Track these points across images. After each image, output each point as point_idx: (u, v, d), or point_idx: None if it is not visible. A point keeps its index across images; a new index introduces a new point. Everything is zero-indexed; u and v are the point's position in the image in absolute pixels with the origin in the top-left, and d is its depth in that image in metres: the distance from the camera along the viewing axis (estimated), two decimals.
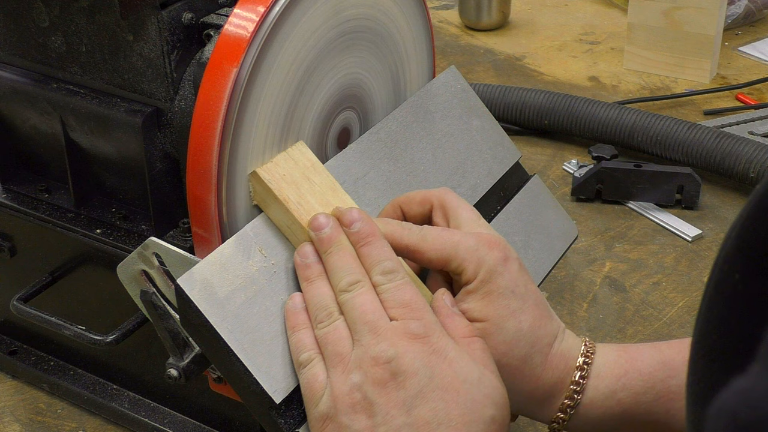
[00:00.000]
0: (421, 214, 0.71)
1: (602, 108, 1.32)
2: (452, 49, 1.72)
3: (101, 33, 0.77)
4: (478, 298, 0.65)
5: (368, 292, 0.62)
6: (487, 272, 0.65)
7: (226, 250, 0.65)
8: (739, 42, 1.69)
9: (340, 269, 0.63)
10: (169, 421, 0.87)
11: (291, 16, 0.68)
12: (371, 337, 0.60)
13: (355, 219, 0.65)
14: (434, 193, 0.71)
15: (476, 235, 0.66)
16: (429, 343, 0.60)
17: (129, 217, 0.83)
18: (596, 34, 1.77)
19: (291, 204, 0.66)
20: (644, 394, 0.66)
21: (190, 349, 0.71)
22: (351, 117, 0.78)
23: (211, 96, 0.65)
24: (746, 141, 1.21)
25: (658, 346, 0.68)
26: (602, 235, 1.18)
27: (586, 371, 0.66)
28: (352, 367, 0.59)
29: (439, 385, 0.58)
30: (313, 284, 0.64)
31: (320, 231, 0.65)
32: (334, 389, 0.59)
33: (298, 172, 0.69)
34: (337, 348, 0.61)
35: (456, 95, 0.85)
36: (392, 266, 0.63)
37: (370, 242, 0.64)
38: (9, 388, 0.95)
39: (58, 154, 0.83)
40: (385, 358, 0.58)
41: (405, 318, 0.61)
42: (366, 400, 0.58)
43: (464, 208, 0.70)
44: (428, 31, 0.85)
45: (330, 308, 0.62)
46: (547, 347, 0.66)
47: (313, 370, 0.61)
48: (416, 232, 0.66)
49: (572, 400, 0.66)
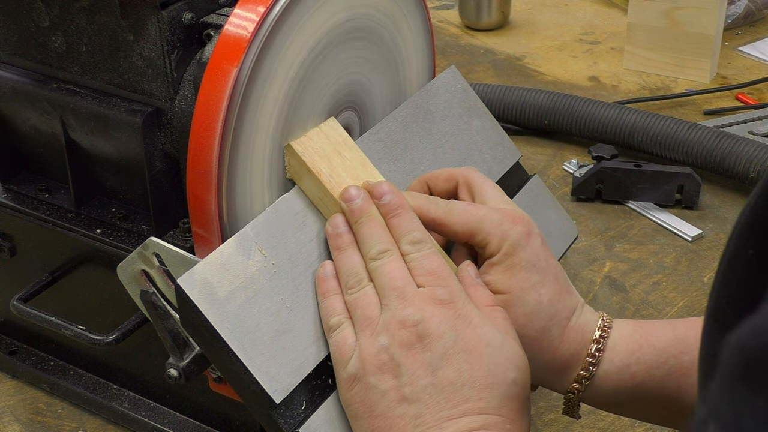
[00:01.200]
0: (447, 190, 0.74)
1: (602, 108, 1.32)
2: (452, 49, 1.72)
3: (101, 33, 0.77)
4: (501, 271, 0.67)
5: (397, 260, 0.64)
6: (510, 246, 0.67)
7: (226, 250, 0.65)
8: (739, 42, 1.69)
9: (371, 238, 0.65)
10: (169, 421, 0.87)
11: (291, 17, 0.68)
12: (399, 302, 0.62)
13: (386, 191, 0.67)
14: (460, 171, 0.74)
15: (501, 210, 0.69)
16: (454, 308, 0.62)
17: (129, 217, 0.83)
18: (596, 34, 1.77)
19: (323, 176, 0.68)
20: (657, 368, 0.67)
21: (190, 349, 0.71)
22: (351, 117, 0.78)
23: (211, 96, 0.65)
24: (746, 141, 1.21)
25: (673, 323, 0.70)
26: (602, 235, 1.18)
27: (602, 345, 0.68)
28: (380, 330, 0.62)
29: (463, 347, 0.60)
30: (344, 252, 0.66)
31: (352, 202, 0.67)
32: (362, 351, 0.62)
33: (330, 147, 0.71)
34: (366, 312, 0.63)
35: (456, 95, 0.85)
36: (420, 236, 0.65)
37: (399, 214, 0.66)
38: (9, 388, 0.95)
39: (58, 154, 0.84)
40: (412, 321, 0.61)
41: (432, 285, 0.63)
42: (393, 361, 0.60)
43: (489, 185, 0.72)
44: (428, 31, 0.85)
45: (360, 275, 0.65)
46: (565, 320, 0.68)
47: (343, 333, 0.63)
48: (443, 205, 0.69)
49: (587, 372, 0.68)
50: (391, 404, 0.60)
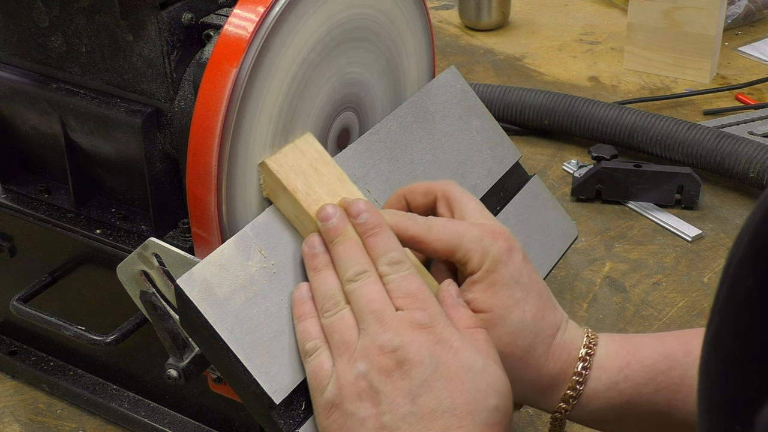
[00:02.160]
0: (425, 204, 0.72)
1: (602, 108, 1.32)
2: (452, 49, 1.72)
3: (101, 33, 0.77)
4: (482, 288, 0.66)
5: (374, 282, 0.62)
6: (491, 262, 0.65)
7: (225, 250, 0.65)
8: (739, 42, 1.69)
9: (347, 259, 0.64)
10: (169, 421, 0.87)
11: (291, 17, 0.68)
12: (377, 326, 0.60)
13: (362, 210, 0.65)
14: (438, 185, 0.72)
15: (481, 226, 0.67)
16: (434, 332, 0.60)
17: (129, 217, 0.83)
18: (596, 34, 1.77)
19: (299, 194, 0.67)
20: (646, 385, 0.66)
21: (189, 350, 0.71)
22: (351, 117, 0.78)
23: (210, 96, 0.65)
24: (746, 141, 1.21)
25: (660, 338, 0.69)
26: (602, 235, 1.18)
27: (588, 362, 0.67)
28: (358, 355, 0.60)
29: (443, 374, 0.59)
30: (320, 274, 0.65)
31: (327, 221, 0.65)
32: (340, 377, 0.60)
33: (306, 163, 0.69)
34: (343, 336, 0.61)
35: (456, 95, 0.85)
36: (398, 257, 0.64)
37: (376, 233, 0.65)
38: (9, 388, 0.95)
39: (58, 154, 0.84)
40: (391, 347, 0.59)
41: (411, 308, 0.61)
42: (371, 388, 0.59)
43: (468, 199, 0.70)
44: (428, 31, 0.85)
45: (336, 297, 0.63)
46: (550, 338, 0.67)
47: (319, 359, 0.62)
48: (422, 222, 0.67)
49: (574, 391, 0.67)
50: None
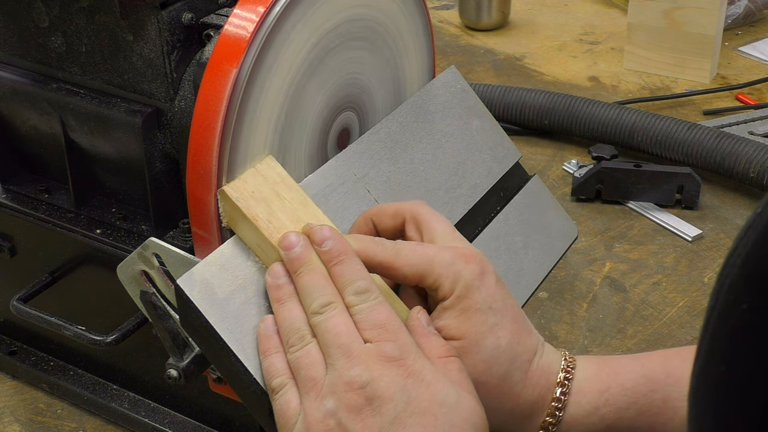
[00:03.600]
0: (394, 227, 0.69)
1: (602, 108, 1.32)
2: (452, 49, 1.72)
3: (101, 33, 0.77)
4: (454, 315, 0.63)
5: (341, 314, 0.60)
6: (463, 287, 0.63)
7: (225, 250, 0.65)
8: (739, 42, 1.69)
9: (312, 290, 0.61)
10: (169, 421, 0.87)
11: (291, 17, 0.67)
12: (345, 361, 0.58)
13: (327, 237, 0.62)
14: (407, 206, 0.69)
15: (452, 249, 0.64)
16: (405, 365, 0.58)
17: (129, 217, 0.83)
18: (596, 34, 1.77)
19: (260, 222, 0.64)
20: (627, 409, 0.64)
21: (190, 350, 0.71)
22: (351, 117, 0.78)
23: (211, 96, 0.65)
24: (746, 141, 1.21)
25: (639, 359, 0.67)
26: (602, 235, 1.18)
27: (567, 387, 0.65)
28: (326, 392, 0.57)
29: (416, 410, 0.56)
30: (284, 306, 0.62)
31: (290, 250, 0.62)
32: (308, 416, 0.58)
33: (268, 188, 0.66)
34: (309, 373, 0.59)
35: (456, 95, 0.85)
36: (365, 286, 0.61)
37: (342, 261, 0.62)
38: (9, 388, 0.95)
39: (58, 154, 0.83)
40: (360, 382, 0.57)
41: (379, 340, 0.58)
42: (340, 426, 0.56)
43: (438, 221, 0.68)
44: (428, 31, 0.85)
45: (302, 331, 0.60)
46: (526, 363, 0.64)
47: (286, 397, 0.59)
48: (390, 247, 0.64)
49: (554, 417, 0.65)
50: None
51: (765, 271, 0.35)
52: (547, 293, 1.07)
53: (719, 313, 0.37)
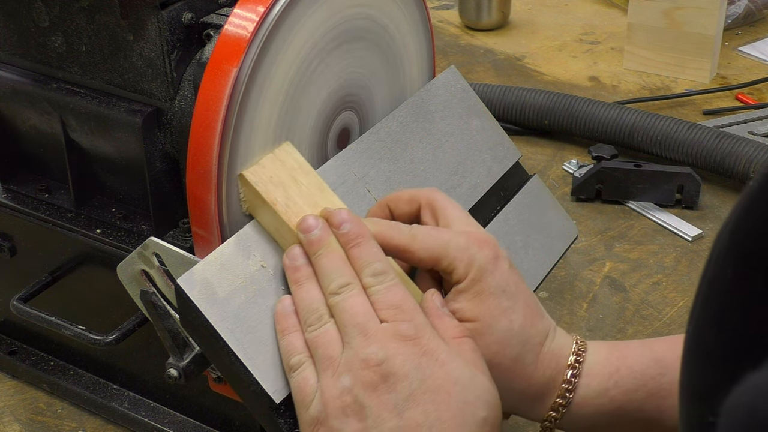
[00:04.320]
0: (409, 213, 0.70)
1: (602, 108, 1.32)
2: (452, 49, 1.72)
3: (101, 33, 0.77)
4: (468, 298, 0.64)
5: (358, 295, 0.61)
6: (477, 271, 0.64)
7: (225, 250, 0.65)
8: (739, 42, 1.69)
9: (330, 272, 0.62)
10: (169, 421, 0.87)
11: (291, 16, 0.68)
12: (361, 340, 0.59)
13: (345, 220, 0.64)
14: (422, 192, 0.70)
15: (466, 234, 0.66)
16: (419, 344, 0.59)
17: (129, 217, 0.83)
18: (596, 34, 1.77)
19: (279, 206, 0.65)
20: (636, 391, 0.66)
21: (190, 349, 0.71)
22: (351, 117, 0.78)
23: (211, 96, 0.65)
24: (746, 141, 1.21)
25: (649, 344, 0.68)
26: (602, 235, 1.18)
27: (577, 369, 0.66)
28: (342, 370, 0.59)
29: (430, 387, 0.58)
30: (302, 287, 0.63)
31: (309, 233, 0.64)
32: (325, 393, 0.59)
33: (285, 174, 0.68)
34: (327, 351, 0.60)
35: (456, 95, 0.85)
36: (382, 268, 0.62)
37: (359, 243, 0.63)
38: (9, 388, 0.95)
39: (58, 154, 0.84)
40: (376, 360, 0.58)
41: (395, 320, 0.60)
42: (357, 403, 0.58)
43: (453, 207, 0.69)
44: (428, 31, 0.85)
45: (320, 311, 0.62)
46: (538, 346, 0.66)
47: (303, 374, 0.60)
48: (406, 231, 0.65)
49: (564, 399, 0.66)
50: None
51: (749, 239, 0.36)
52: (547, 293, 1.07)
53: (708, 282, 0.39)
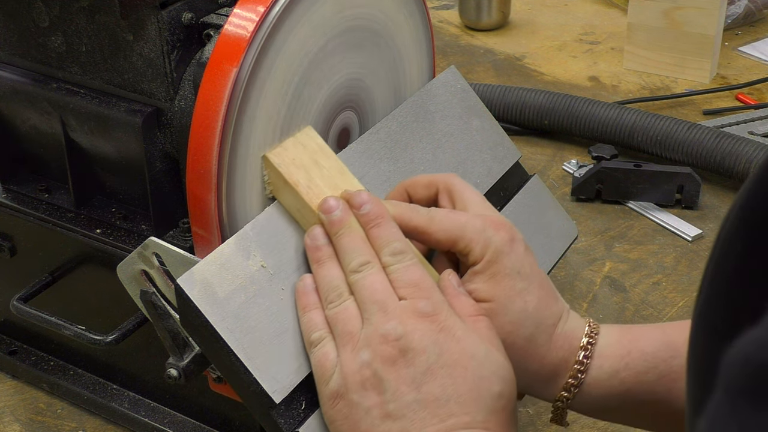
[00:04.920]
0: (427, 197, 0.72)
1: (602, 108, 1.32)
2: (452, 49, 1.72)
3: (101, 33, 0.77)
4: (484, 279, 0.66)
5: (378, 273, 0.63)
6: (493, 253, 0.66)
7: (225, 250, 0.65)
8: (739, 42, 1.69)
9: (351, 251, 0.64)
10: (169, 421, 0.87)
11: (291, 16, 0.68)
12: (380, 316, 0.61)
13: (365, 201, 0.66)
14: (440, 177, 0.72)
15: (483, 217, 0.68)
16: (437, 321, 0.61)
17: (129, 217, 0.83)
18: (596, 34, 1.77)
19: (301, 188, 0.67)
20: (646, 373, 0.67)
21: (190, 349, 0.71)
22: (351, 117, 0.78)
23: (211, 96, 0.65)
24: (746, 141, 1.21)
25: (661, 327, 0.69)
26: (602, 235, 1.18)
27: (589, 351, 0.67)
28: (362, 345, 0.60)
29: (447, 362, 0.59)
30: (323, 266, 0.65)
31: (330, 213, 0.65)
32: (344, 367, 0.60)
33: (307, 157, 0.69)
34: (347, 327, 0.62)
35: (456, 95, 0.85)
36: (401, 247, 0.64)
37: (379, 224, 0.65)
38: (9, 388, 0.95)
39: (58, 154, 0.84)
40: (395, 335, 0.60)
41: (414, 297, 0.62)
42: (375, 377, 0.59)
43: (470, 191, 0.71)
44: (428, 31, 0.85)
45: (340, 289, 0.63)
46: (551, 327, 0.67)
47: (324, 349, 0.62)
48: (424, 213, 0.67)
49: (576, 380, 0.67)
50: (375, 421, 0.59)
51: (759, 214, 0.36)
52: None
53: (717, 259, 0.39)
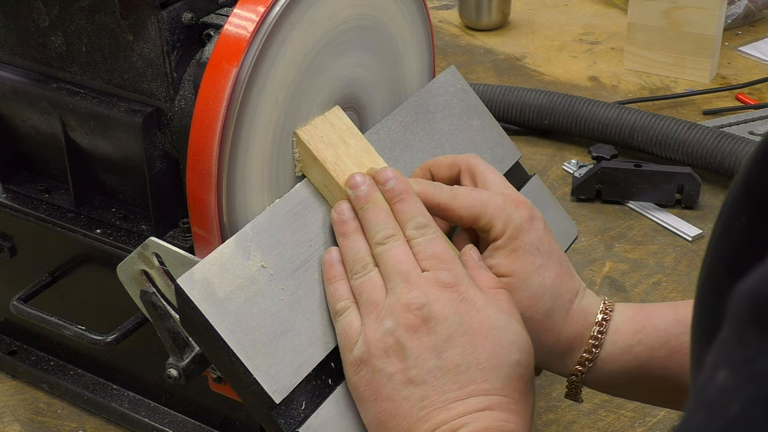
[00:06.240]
0: (450, 177, 0.75)
1: (602, 108, 1.32)
2: (452, 49, 1.72)
3: (101, 33, 0.77)
4: (505, 254, 0.68)
5: (402, 245, 0.65)
6: (514, 229, 0.68)
7: (225, 250, 0.65)
8: (739, 42, 1.69)
9: (376, 224, 0.66)
10: (169, 421, 0.87)
11: (291, 16, 0.68)
12: (404, 286, 0.63)
13: (390, 177, 0.68)
14: (462, 158, 0.75)
15: (504, 195, 0.70)
16: (458, 291, 0.62)
17: (129, 217, 0.83)
18: (596, 34, 1.77)
19: (328, 164, 0.69)
20: (659, 349, 0.68)
21: (190, 349, 0.71)
22: (351, 117, 0.78)
23: (211, 96, 0.65)
24: (746, 141, 1.21)
25: (673, 306, 0.71)
26: (602, 235, 1.18)
27: (604, 327, 0.69)
28: (385, 314, 0.62)
29: (467, 330, 0.61)
30: (349, 239, 0.67)
31: (357, 189, 0.67)
32: (368, 335, 0.62)
33: (335, 135, 0.72)
34: (371, 296, 0.64)
35: (456, 95, 0.85)
36: (425, 221, 0.66)
37: (404, 199, 0.67)
38: (9, 388, 0.95)
39: (58, 154, 0.84)
40: (417, 304, 0.61)
41: (436, 269, 0.63)
42: (398, 344, 0.61)
43: (491, 171, 0.73)
44: (428, 31, 0.85)
45: (365, 260, 0.65)
46: (568, 303, 0.69)
47: (348, 318, 0.64)
48: (447, 190, 0.69)
49: (590, 354, 0.69)
50: (398, 387, 0.61)
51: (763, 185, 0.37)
52: None
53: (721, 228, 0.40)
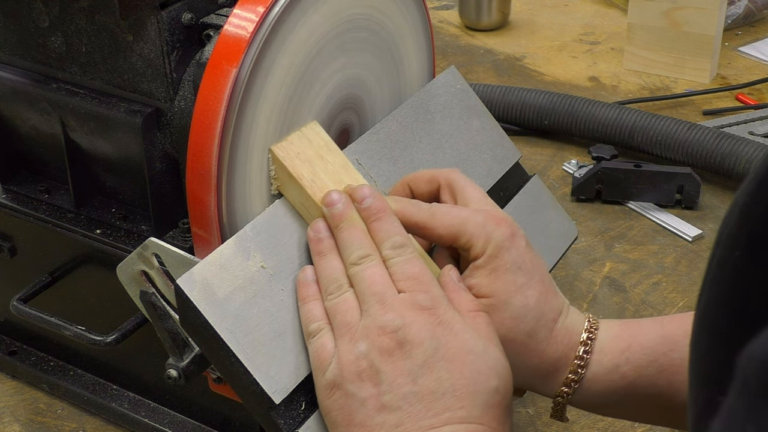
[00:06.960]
0: (429, 192, 0.73)
1: (602, 108, 1.32)
2: (452, 49, 1.72)
3: (101, 33, 0.77)
4: (485, 274, 0.66)
5: (377, 266, 0.63)
6: (495, 248, 0.66)
7: (225, 250, 0.65)
8: (739, 42, 1.69)
9: (351, 244, 0.64)
10: (169, 421, 0.87)
11: (291, 17, 0.68)
12: (379, 308, 0.61)
13: (366, 195, 0.66)
14: (442, 173, 0.72)
15: (484, 212, 0.68)
16: (435, 314, 0.61)
17: (129, 217, 0.83)
18: (596, 34, 1.77)
19: (305, 181, 0.68)
20: (647, 367, 0.67)
21: (189, 350, 0.71)
22: (351, 117, 0.78)
23: (210, 96, 0.65)
24: (746, 141, 1.21)
25: (659, 321, 0.69)
26: (602, 235, 1.18)
27: (589, 346, 0.68)
28: (359, 336, 0.60)
29: (444, 355, 0.59)
30: (324, 258, 0.65)
31: (332, 207, 0.66)
32: (341, 357, 0.60)
33: (312, 151, 0.70)
34: (345, 318, 0.62)
35: (456, 95, 0.85)
36: (401, 241, 0.64)
37: (380, 218, 0.65)
38: (9, 388, 0.95)
39: (58, 154, 0.84)
40: (392, 327, 0.60)
41: (413, 290, 0.62)
42: (372, 368, 0.59)
43: (471, 186, 0.71)
44: (428, 31, 0.85)
45: (340, 281, 0.64)
46: (552, 322, 0.67)
47: (322, 340, 0.62)
48: (425, 208, 0.68)
49: (576, 375, 0.67)
50: (371, 412, 0.59)
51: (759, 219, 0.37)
52: None
53: (716, 263, 0.39)
